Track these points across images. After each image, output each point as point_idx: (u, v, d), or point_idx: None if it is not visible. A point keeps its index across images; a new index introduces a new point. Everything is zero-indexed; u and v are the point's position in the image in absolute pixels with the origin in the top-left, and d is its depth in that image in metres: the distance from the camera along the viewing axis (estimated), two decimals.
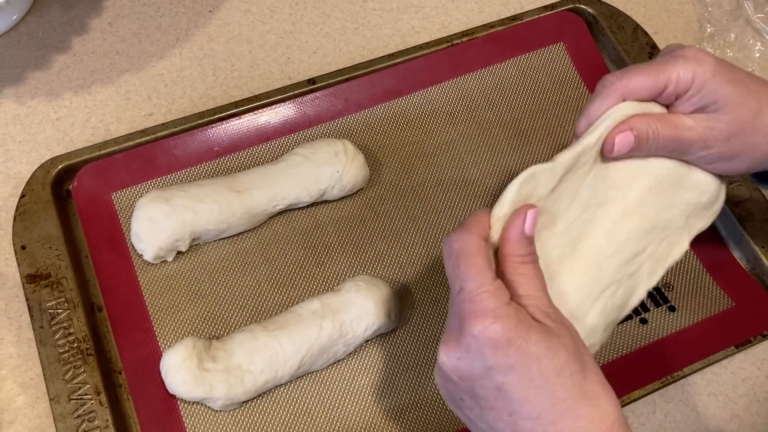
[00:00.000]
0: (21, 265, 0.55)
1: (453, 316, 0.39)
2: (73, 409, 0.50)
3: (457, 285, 0.38)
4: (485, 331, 0.36)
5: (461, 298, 0.38)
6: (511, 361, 0.36)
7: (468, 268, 0.38)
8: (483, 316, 0.36)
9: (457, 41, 0.69)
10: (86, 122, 0.64)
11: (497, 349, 0.36)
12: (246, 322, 0.56)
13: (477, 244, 0.39)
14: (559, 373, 0.36)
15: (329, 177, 0.59)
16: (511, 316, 0.36)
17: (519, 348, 0.36)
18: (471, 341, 0.37)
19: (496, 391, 0.37)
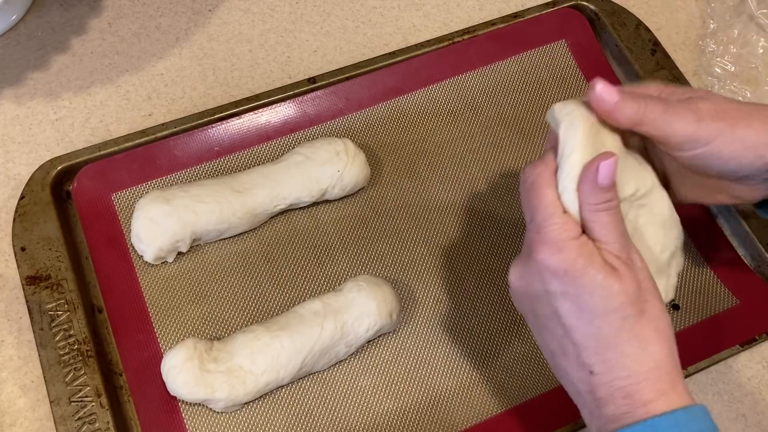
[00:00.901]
0: (21, 266, 0.55)
1: (526, 239, 0.42)
2: (74, 411, 0.50)
3: (528, 215, 0.42)
4: (546, 260, 0.40)
5: (531, 227, 0.41)
6: (566, 288, 0.39)
7: (538, 200, 0.41)
8: (546, 247, 0.40)
9: (458, 39, 0.68)
10: (86, 123, 0.64)
11: (555, 275, 0.40)
12: (247, 322, 0.56)
13: (550, 177, 0.41)
14: (610, 312, 0.39)
15: (330, 176, 0.58)
16: (573, 249, 0.39)
17: (575, 280, 0.39)
18: (533, 266, 0.41)
19: (551, 313, 0.41)
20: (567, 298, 0.39)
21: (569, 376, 0.41)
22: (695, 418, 0.38)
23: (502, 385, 0.54)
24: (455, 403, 0.54)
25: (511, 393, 0.54)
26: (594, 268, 0.39)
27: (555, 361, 0.42)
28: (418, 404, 0.54)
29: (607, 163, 0.40)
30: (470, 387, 0.54)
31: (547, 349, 0.42)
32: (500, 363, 0.55)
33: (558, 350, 0.41)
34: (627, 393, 0.39)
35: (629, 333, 0.39)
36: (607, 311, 0.39)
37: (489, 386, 0.54)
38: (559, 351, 0.41)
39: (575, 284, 0.39)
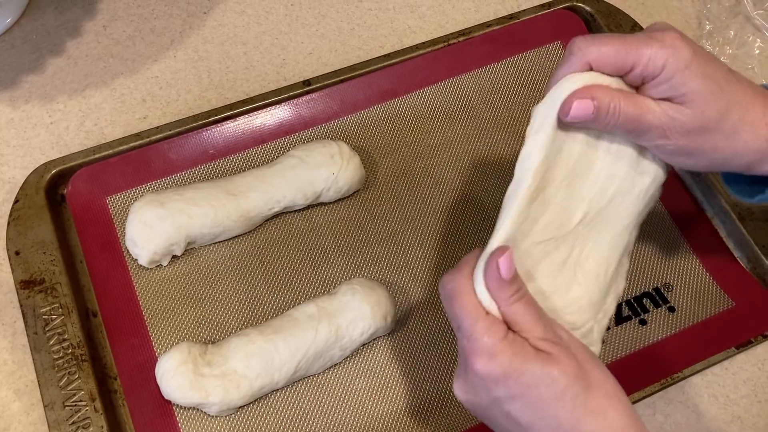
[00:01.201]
0: (15, 270, 0.54)
1: (460, 350, 0.41)
2: (68, 415, 0.50)
3: (454, 324, 0.41)
4: (483, 368, 0.39)
5: (460, 335, 0.41)
6: (511, 391, 0.39)
7: (461, 308, 0.40)
8: (479, 356, 0.39)
9: (453, 41, 0.68)
10: (80, 126, 0.64)
11: (497, 382, 0.39)
12: (242, 326, 0.55)
13: (466, 284, 0.41)
14: (559, 397, 0.38)
15: (325, 179, 0.58)
16: (506, 351, 0.39)
17: (516, 380, 0.38)
18: (474, 378, 0.40)
19: (505, 417, 0.40)
20: (515, 400, 0.39)
21: None
22: None
23: None
24: (450, 406, 0.54)
25: None
26: (529, 362, 0.38)
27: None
28: (414, 407, 0.53)
29: (504, 258, 0.40)
30: None
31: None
32: None
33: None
34: None
35: (584, 410, 0.38)
36: (557, 397, 0.38)
37: None
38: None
39: (518, 384, 0.38)
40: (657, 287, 0.59)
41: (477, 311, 0.40)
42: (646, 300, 0.59)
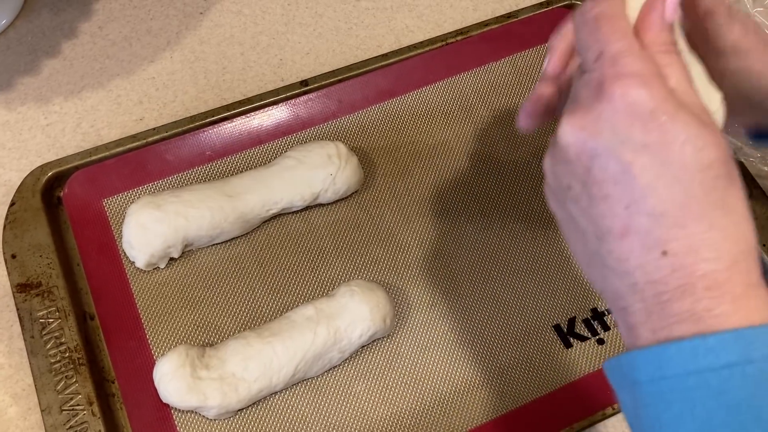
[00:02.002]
0: (11, 274, 0.54)
1: (582, 86, 0.33)
2: (66, 419, 0.49)
3: (594, 50, 0.33)
4: (627, 94, 0.31)
5: (600, 62, 0.32)
6: (650, 137, 0.30)
7: (613, 30, 0.32)
8: (629, 79, 0.31)
9: (451, 40, 0.68)
10: (77, 128, 0.63)
11: (636, 119, 0.30)
12: (240, 328, 0.55)
13: (621, 9, 0.33)
14: (703, 168, 0.30)
15: (322, 180, 0.58)
16: (662, 87, 0.31)
17: (663, 125, 0.30)
18: (606, 107, 0.31)
19: (619, 174, 0.31)
20: (648, 151, 0.30)
21: (623, 266, 0.31)
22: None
23: (497, 389, 0.54)
24: (450, 408, 0.53)
25: (506, 398, 0.54)
26: (686, 113, 0.30)
27: (606, 246, 0.32)
28: (413, 409, 0.53)
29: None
30: (465, 392, 0.54)
31: (594, 233, 0.32)
32: (495, 367, 0.55)
33: (616, 228, 0.31)
34: (713, 282, 0.30)
35: (720, 199, 0.30)
36: (700, 167, 0.30)
37: (484, 391, 0.54)
38: (617, 229, 0.31)
39: (662, 131, 0.30)
40: None
41: (629, 37, 0.32)
42: None
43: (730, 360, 0.29)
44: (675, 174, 0.30)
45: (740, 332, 0.29)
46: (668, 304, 0.30)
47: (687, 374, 0.29)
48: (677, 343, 0.30)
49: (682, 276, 0.30)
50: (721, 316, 0.30)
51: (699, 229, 0.30)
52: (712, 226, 0.30)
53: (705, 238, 0.30)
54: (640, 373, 0.31)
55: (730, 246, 0.30)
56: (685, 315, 0.30)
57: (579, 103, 0.33)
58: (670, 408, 0.30)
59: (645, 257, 0.31)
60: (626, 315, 0.32)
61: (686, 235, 0.30)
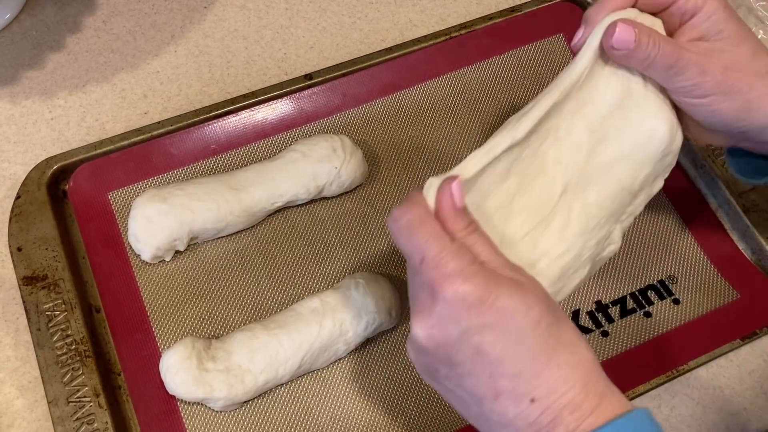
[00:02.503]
0: (17, 266, 0.54)
1: (419, 288, 0.38)
2: (72, 411, 0.49)
3: (416, 256, 0.37)
4: (456, 293, 0.36)
5: (425, 266, 0.37)
6: (485, 319, 0.36)
7: (424, 236, 0.37)
8: (452, 278, 0.36)
9: (455, 34, 0.68)
10: (81, 121, 0.63)
11: (471, 309, 0.36)
12: (245, 321, 0.55)
13: (426, 212, 0.38)
14: (535, 325, 0.36)
15: (327, 173, 0.58)
16: (480, 273, 0.36)
17: (492, 305, 0.36)
18: (443, 307, 0.36)
19: (473, 354, 0.36)
20: (489, 329, 0.36)
21: (505, 417, 0.37)
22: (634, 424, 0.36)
23: None
24: None
25: None
26: (505, 287, 0.36)
27: (486, 408, 0.37)
28: (419, 401, 0.53)
29: (456, 184, 0.38)
30: None
31: (472, 400, 0.38)
32: None
33: (488, 393, 0.37)
34: (574, 407, 0.36)
35: (557, 340, 0.36)
36: (533, 326, 0.36)
37: None
38: (490, 394, 0.37)
39: (492, 310, 0.36)
40: (662, 279, 0.59)
41: (443, 236, 0.37)
42: (650, 292, 0.58)
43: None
44: (515, 339, 0.36)
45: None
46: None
47: None
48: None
49: (551, 412, 0.36)
50: (586, 429, 0.35)
51: (551, 373, 0.36)
52: (560, 365, 0.36)
53: (558, 377, 0.36)
54: None
55: (578, 373, 0.36)
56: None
57: (421, 304, 0.38)
58: None
59: (519, 408, 0.36)
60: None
61: (544, 381, 0.36)
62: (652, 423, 0.36)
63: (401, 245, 0.39)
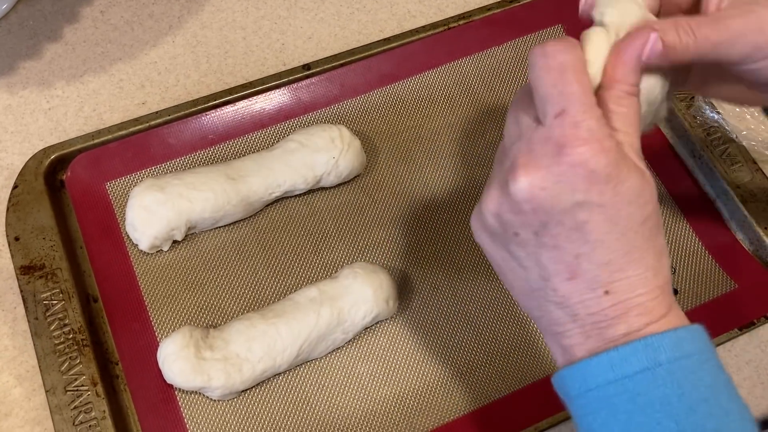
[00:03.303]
0: (15, 256, 0.54)
1: (543, 140, 0.34)
2: (70, 400, 0.49)
3: (557, 105, 0.34)
4: (589, 161, 0.33)
5: (562, 121, 0.34)
6: (603, 199, 0.34)
7: (577, 86, 0.34)
8: (588, 146, 0.33)
9: (453, 24, 0.68)
10: (79, 111, 0.63)
11: (594, 183, 0.33)
12: (243, 310, 0.55)
13: (583, 60, 0.35)
14: (644, 221, 0.35)
15: (325, 163, 0.58)
16: (615, 150, 0.34)
17: (615, 187, 0.34)
18: (567, 170, 0.33)
19: (572, 229, 0.34)
20: (601, 210, 0.34)
21: (566, 301, 0.35)
22: (694, 337, 0.36)
23: (500, 369, 0.54)
24: (453, 389, 0.53)
25: (510, 379, 0.54)
26: (632, 174, 0.34)
27: (551, 285, 0.35)
28: (416, 390, 0.53)
29: (655, 36, 0.35)
30: (468, 372, 0.54)
31: (539, 273, 0.36)
32: (498, 348, 0.55)
33: (565, 272, 0.35)
34: (645, 309, 0.35)
35: (654, 245, 0.35)
36: (641, 221, 0.34)
37: (487, 371, 0.54)
38: (566, 273, 0.35)
39: (614, 193, 0.33)
40: None
41: (591, 96, 0.34)
42: None
43: (641, 366, 0.34)
44: (622, 229, 0.34)
45: (648, 340, 0.34)
46: (606, 329, 0.35)
47: (608, 383, 0.34)
48: (598, 357, 0.35)
49: (620, 308, 0.35)
50: (649, 332, 0.35)
51: (637, 272, 0.35)
52: (647, 268, 0.35)
53: (641, 278, 0.35)
54: (571, 388, 0.36)
55: (658, 281, 0.35)
56: (619, 337, 0.35)
57: (537, 158, 0.34)
58: (598, 416, 0.35)
59: (588, 295, 0.35)
60: (562, 338, 0.37)
61: (626, 277, 0.35)
62: (708, 339, 0.36)
63: (541, 85, 0.35)
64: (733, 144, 0.63)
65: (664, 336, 0.34)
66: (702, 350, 0.35)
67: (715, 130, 0.64)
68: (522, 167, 0.34)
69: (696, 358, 0.35)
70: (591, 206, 0.34)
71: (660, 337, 0.34)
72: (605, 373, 0.34)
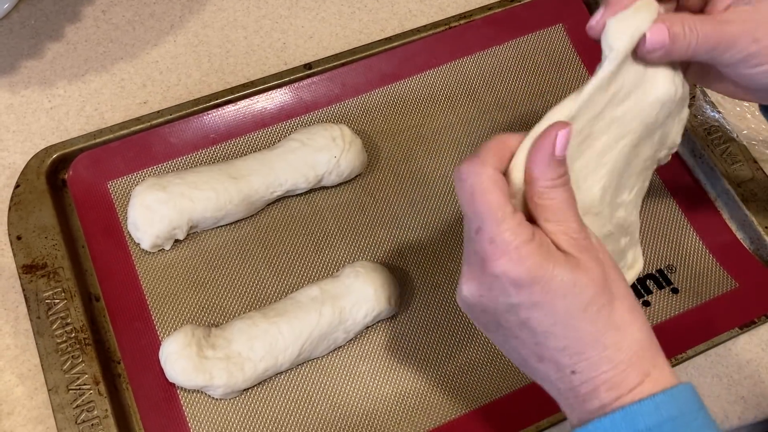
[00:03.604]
0: (17, 255, 0.54)
1: (472, 253, 0.37)
2: (72, 399, 0.50)
3: (474, 223, 0.37)
4: (509, 272, 0.35)
5: (480, 237, 0.36)
6: (535, 298, 0.36)
7: (485, 205, 0.36)
8: (505, 258, 0.35)
9: (455, 24, 0.68)
10: (81, 111, 0.63)
11: (521, 288, 0.36)
12: (245, 309, 0.55)
13: (493, 178, 0.37)
14: (585, 308, 0.36)
15: (326, 162, 0.58)
16: (535, 254, 0.35)
17: (543, 287, 0.35)
18: (493, 281, 0.36)
19: (520, 324, 0.37)
20: (537, 308, 0.36)
21: (547, 377, 0.38)
22: (675, 400, 0.36)
23: (502, 368, 0.54)
24: (455, 388, 0.54)
25: (512, 376, 0.54)
26: (559, 269, 0.36)
27: (528, 365, 0.39)
28: (417, 389, 0.53)
29: (564, 133, 0.36)
30: (470, 371, 0.54)
31: (516, 356, 0.39)
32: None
33: (532, 357, 0.38)
34: (612, 385, 0.37)
35: (606, 324, 0.36)
36: (583, 308, 0.36)
37: (488, 370, 0.54)
38: (533, 358, 0.38)
39: (544, 291, 0.35)
40: (660, 269, 0.59)
41: (504, 209, 0.36)
42: (649, 281, 0.59)
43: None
44: (564, 319, 0.36)
45: (626, 410, 0.36)
46: (582, 404, 0.38)
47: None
48: (584, 427, 0.37)
49: (589, 386, 0.37)
50: (623, 403, 0.36)
51: (596, 352, 0.36)
52: (606, 347, 0.36)
53: (602, 357, 0.36)
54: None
55: (623, 355, 0.36)
56: (596, 410, 0.37)
57: (471, 269, 0.38)
58: None
59: (559, 374, 0.38)
60: (560, 405, 0.40)
61: (587, 359, 0.36)
62: (690, 399, 0.37)
63: (461, 205, 0.38)
64: (733, 143, 0.63)
65: (641, 404, 0.36)
66: (684, 412, 0.36)
67: (716, 129, 0.64)
68: (463, 276, 0.39)
69: (680, 420, 0.36)
70: (526, 305, 0.36)
71: (637, 406, 0.36)
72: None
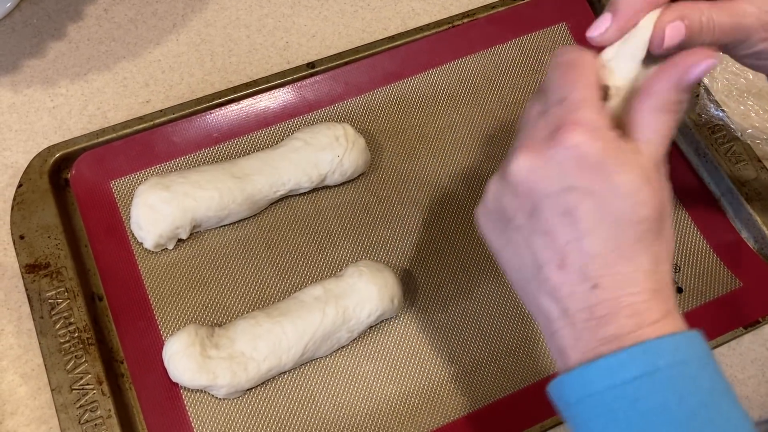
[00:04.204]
0: (20, 254, 0.54)
1: (542, 124, 0.35)
2: (75, 399, 0.49)
3: (559, 93, 0.35)
4: (581, 144, 0.33)
5: (562, 106, 0.34)
6: (594, 185, 0.33)
7: (579, 77, 0.35)
8: (583, 129, 0.33)
9: (458, 22, 0.68)
10: (83, 110, 0.63)
11: (586, 169, 0.33)
12: (248, 309, 0.55)
13: (592, 63, 0.36)
14: (637, 222, 0.34)
15: (330, 161, 0.58)
16: (612, 141, 0.33)
17: (609, 177, 0.33)
18: (560, 152, 0.34)
19: (562, 213, 0.34)
20: (591, 197, 0.33)
21: (557, 293, 0.35)
22: (692, 343, 0.35)
23: (505, 368, 0.54)
24: (458, 388, 0.53)
25: (516, 376, 0.54)
26: (632, 170, 0.33)
27: (543, 274, 0.35)
28: (421, 389, 0.53)
29: (710, 63, 0.35)
30: (473, 371, 0.54)
31: (532, 261, 0.36)
32: (503, 346, 0.55)
33: (552, 262, 0.35)
34: (635, 311, 0.34)
35: (647, 248, 0.34)
36: (634, 220, 0.33)
37: (492, 370, 0.54)
38: (553, 261, 0.35)
39: (607, 181, 0.33)
40: None
41: (596, 91, 0.34)
42: None
43: (640, 371, 0.33)
44: (612, 222, 0.34)
45: (646, 345, 0.33)
46: (595, 329, 0.34)
47: (606, 389, 0.34)
48: (596, 362, 0.34)
49: (609, 306, 0.34)
50: (641, 336, 0.34)
51: (626, 270, 0.34)
52: (638, 269, 0.34)
53: (631, 277, 0.34)
54: (569, 395, 0.35)
55: (651, 284, 0.34)
56: (609, 338, 0.34)
57: (533, 140, 0.35)
58: (597, 422, 0.34)
59: (577, 287, 0.34)
60: (557, 339, 0.36)
61: (615, 273, 0.34)
62: (706, 346, 0.35)
63: (550, 80, 0.36)
64: (737, 142, 0.63)
65: (662, 341, 0.34)
66: (700, 356, 0.35)
67: (720, 128, 0.64)
68: (519, 149, 0.35)
69: (695, 364, 0.34)
70: (581, 191, 0.34)
71: (658, 342, 0.34)
72: (604, 378, 0.34)
